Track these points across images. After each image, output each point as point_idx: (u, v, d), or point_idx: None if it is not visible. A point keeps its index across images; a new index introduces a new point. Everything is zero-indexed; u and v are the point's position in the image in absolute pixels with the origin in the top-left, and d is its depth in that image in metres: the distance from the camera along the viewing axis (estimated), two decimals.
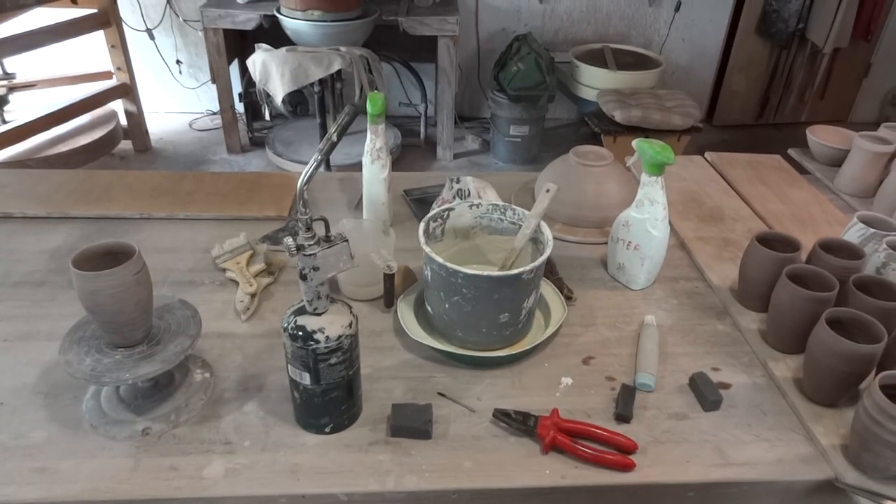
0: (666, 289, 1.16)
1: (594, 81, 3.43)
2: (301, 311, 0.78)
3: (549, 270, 1.14)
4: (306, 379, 0.78)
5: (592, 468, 0.81)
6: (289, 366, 0.79)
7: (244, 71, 3.35)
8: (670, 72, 3.89)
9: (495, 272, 0.91)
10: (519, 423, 0.85)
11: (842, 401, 0.90)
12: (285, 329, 0.77)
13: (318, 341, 0.76)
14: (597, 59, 3.56)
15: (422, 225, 0.98)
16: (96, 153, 3.07)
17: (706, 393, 0.90)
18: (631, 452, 0.83)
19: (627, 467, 0.81)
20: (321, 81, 2.91)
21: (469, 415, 0.88)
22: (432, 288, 0.96)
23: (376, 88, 2.95)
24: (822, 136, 1.64)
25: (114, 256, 0.79)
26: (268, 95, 2.89)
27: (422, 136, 3.70)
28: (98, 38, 3.19)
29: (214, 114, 3.76)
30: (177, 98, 3.91)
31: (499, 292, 0.90)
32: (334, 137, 0.81)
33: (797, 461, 0.83)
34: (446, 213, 1.04)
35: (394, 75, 3.81)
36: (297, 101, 3.11)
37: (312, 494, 0.77)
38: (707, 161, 1.62)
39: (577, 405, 0.90)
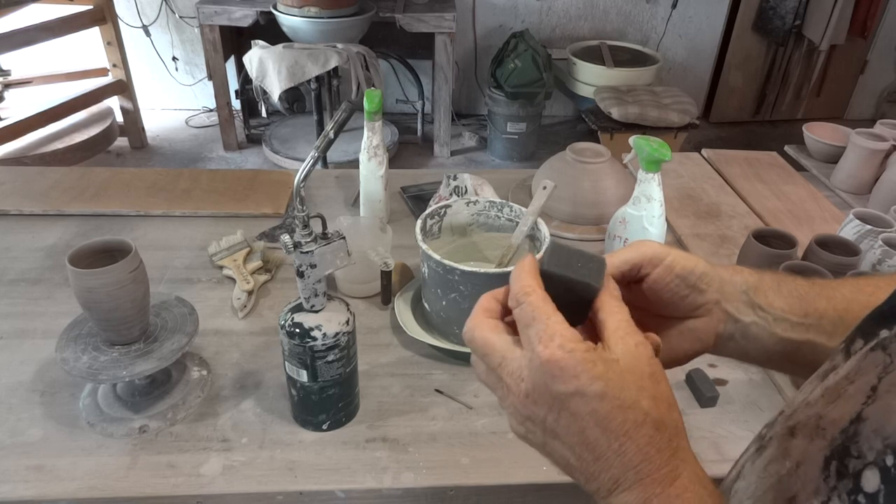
0: None
1: (591, 78, 3.43)
2: (298, 309, 0.78)
3: None
4: (303, 376, 0.78)
5: None
6: (286, 363, 0.79)
7: (241, 68, 3.34)
8: (667, 69, 3.90)
9: (492, 269, 0.91)
10: None
11: None
12: (282, 326, 0.77)
13: (315, 338, 0.76)
14: (594, 55, 3.56)
15: (419, 222, 0.98)
16: (92, 150, 3.06)
17: (703, 389, 0.90)
18: None
19: None
20: (318, 78, 2.91)
21: (466, 411, 0.88)
22: (429, 285, 0.96)
23: (373, 85, 2.94)
24: (818, 133, 1.65)
25: (110, 254, 0.78)
26: (264, 92, 2.89)
27: (419, 133, 3.70)
28: (94, 34, 3.18)
29: (211, 111, 3.74)
30: (173, 95, 3.90)
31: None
32: (331, 134, 0.81)
33: None
34: (443, 210, 1.03)
35: (391, 72, 3.81)
36: (293, 98, 3.12)
37: (310, 491, 0.77)
38: (704, 158, 1.62)
39: None
